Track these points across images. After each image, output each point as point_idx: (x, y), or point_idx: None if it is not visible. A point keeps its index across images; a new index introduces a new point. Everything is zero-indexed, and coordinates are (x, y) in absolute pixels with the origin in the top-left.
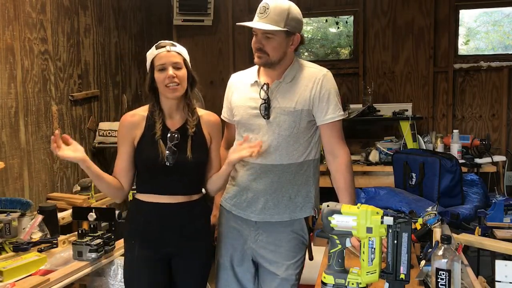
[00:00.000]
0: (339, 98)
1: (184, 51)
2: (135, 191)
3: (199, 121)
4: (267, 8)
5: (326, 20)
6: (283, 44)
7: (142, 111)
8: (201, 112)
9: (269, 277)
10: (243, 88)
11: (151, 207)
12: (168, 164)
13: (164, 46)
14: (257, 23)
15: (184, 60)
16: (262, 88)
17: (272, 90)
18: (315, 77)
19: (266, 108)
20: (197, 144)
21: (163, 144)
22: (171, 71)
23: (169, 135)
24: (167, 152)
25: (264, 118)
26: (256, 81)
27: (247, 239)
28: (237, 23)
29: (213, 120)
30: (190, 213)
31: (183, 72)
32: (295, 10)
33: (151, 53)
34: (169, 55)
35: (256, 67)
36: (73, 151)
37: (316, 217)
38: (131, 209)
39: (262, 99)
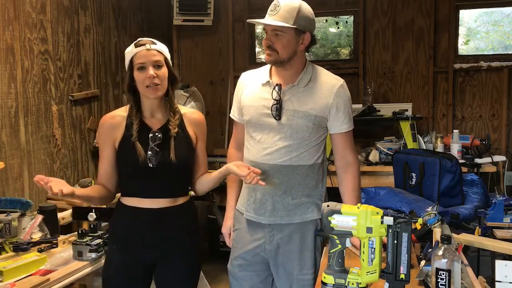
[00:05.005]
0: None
1: (165, 49)
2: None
3: (182, 120)
4: (278, 6)
5: (326, 20)
6: (292, 42)
7: (122, 112)
8: (184, 110)
9: (284, 277)
10: (254, 87)
11: (133, 211)
12: (151, 166)
13: (144, 44)
14: (266, 19)
15: (165, 58)
16: (274, 89)
17: (284, 92)
18: (332, 86)
19: (278, 109)
20: (181, 144)
21: (144, 145)
22: (151, 70)
23: (151, 135)
24: (150, 152)
25: (275, 119)
26: (268, 81)
27: (262, 241)
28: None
29: (198, 118)
30: (174, 217)
31: (163, 71)
32: (306, 9)
33: (130, 51)
34: (149, 53)
35: (268, 67)
36: (63, 185)
37: None
38: (115, 212)
39: (274, 99)
